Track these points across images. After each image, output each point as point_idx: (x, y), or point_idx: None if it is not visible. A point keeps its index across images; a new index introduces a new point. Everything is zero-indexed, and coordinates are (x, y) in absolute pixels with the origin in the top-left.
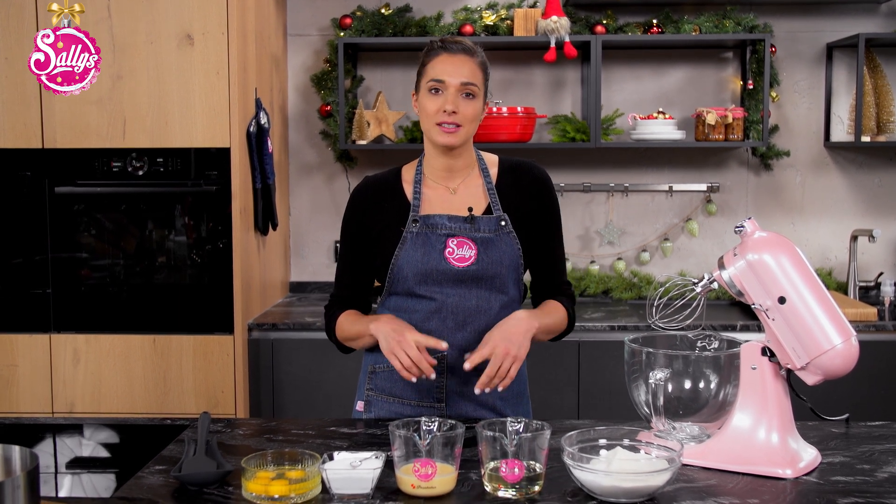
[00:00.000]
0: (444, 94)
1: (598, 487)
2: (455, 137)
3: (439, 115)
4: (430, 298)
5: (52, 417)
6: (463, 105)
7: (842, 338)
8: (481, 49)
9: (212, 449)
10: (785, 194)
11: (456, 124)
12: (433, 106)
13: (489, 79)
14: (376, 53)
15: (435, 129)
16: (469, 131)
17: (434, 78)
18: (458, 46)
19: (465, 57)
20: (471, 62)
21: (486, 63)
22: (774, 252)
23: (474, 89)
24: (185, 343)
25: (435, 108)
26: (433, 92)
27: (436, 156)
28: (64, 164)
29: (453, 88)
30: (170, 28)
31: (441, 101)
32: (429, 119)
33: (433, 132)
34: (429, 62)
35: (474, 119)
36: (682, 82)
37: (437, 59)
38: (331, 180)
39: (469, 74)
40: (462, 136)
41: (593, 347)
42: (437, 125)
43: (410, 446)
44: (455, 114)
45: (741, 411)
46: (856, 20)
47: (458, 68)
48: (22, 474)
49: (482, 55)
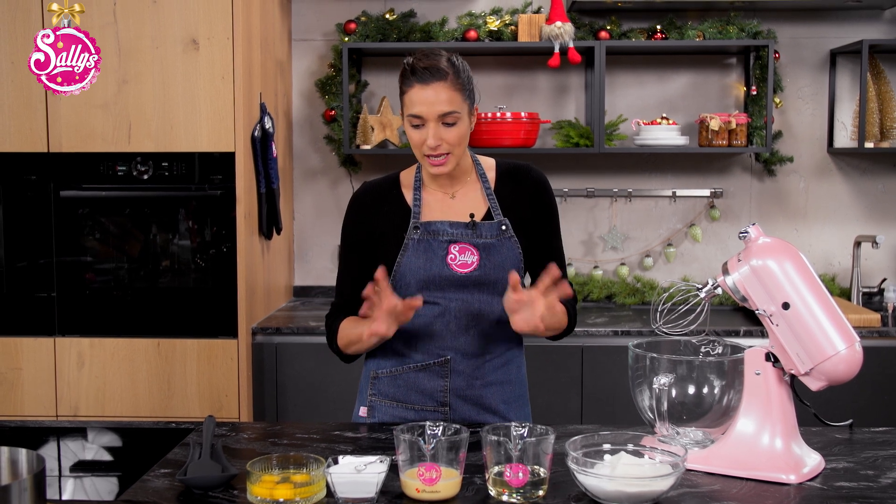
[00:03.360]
0: (425, 128)
1: (601, 492)
2: (445, 167)
3: (424, 148)
4: (433, 303)
5: (57, 421)
6: (445, 133)
7: (845, 343)
8: (456, 59)
9: (217, 453)
10: (788, 200)
11: (444, 153)
12: (417, 138)
13: (471, 85)
14: (381, 59)
15: (424, 160)
16: (458, 154)
17: (411, 113)
18: (429, 75)
19: (439, 84)
20: (445, 88)
21: (465, 78)
22: (778, 258)
23: (455, 116)
24: (190, 347)
25: (419, 141)
26: (414, 127)
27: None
28: (69, 168)
29: (433, 122)
30: (175, 33)
31: (423, 133)
32: (416, 150)
33: (423, 163)
34: (405, 92)
35: (461, 142)
36: (685, 88)
37: (412, 90)
38: (335, 185)
39: (446, 102)
40: (452, 162)
41: (597, 352)
42: (425, 157)
43: (415, 450)
44: (439, 146)
45: (745, 417)
46: (859, 26)
47: (433, 100)
48: (28, 477)
49: (458, 72)
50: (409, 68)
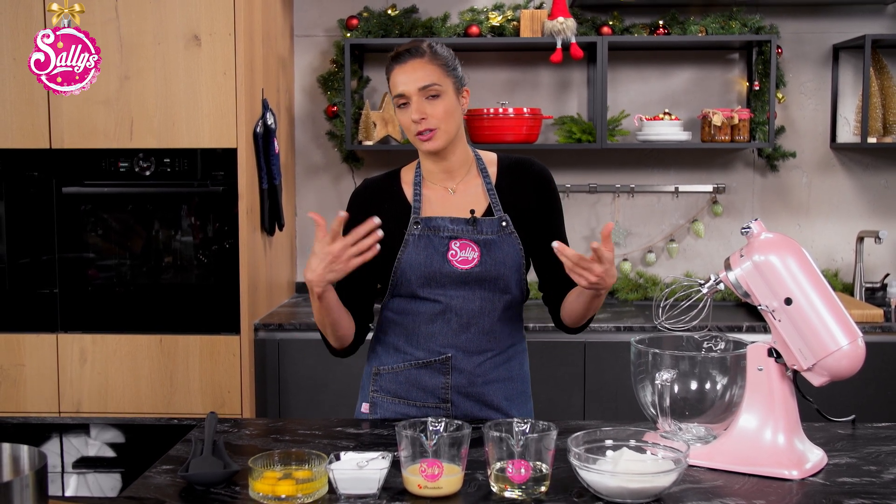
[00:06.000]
0: (410, 106)
1: (604, 488)
2: (435, 142)
3: (413, 126)
4: (434, 301)
5: (59, 417)
6: (429, 107)
7: (848, 339)
8: (437, 46)
9: (219, 449)
10: (791, 195)
11: (430, 129)
12: (405, 119)
13: (455, 64)
14: (383, 54)
15: (416, 139)
16: (448, 130)
17: (395, 94)
18: (407, 54)
19: (416, 61)
20: (422, 63)
21: (442, 55)
22: (781, 253)
23: (436, 89)
24: (192, 343)
25: (407, 121)
26: (401, 107)
27: (429, 160)
28: (71, 164)
29: (415, 97)
30: (177, 29)
31: (409, 112)
32: (408, 132)
33: (416, 143)
34: (389, 79)
35: (448, 116)
36: (688, 83)
37: (393, 73)
38: (337, 181)
39: (424, 77)
40: (442, 137)
41: (599, 348)
42: (416, 136)
43: (417, 447)
44: (424, 119)
45: (747, 412)
46: (862, 21)
47: (410, 75)
48: (30, 473)
49: (437, 52)
50: (391, 56)
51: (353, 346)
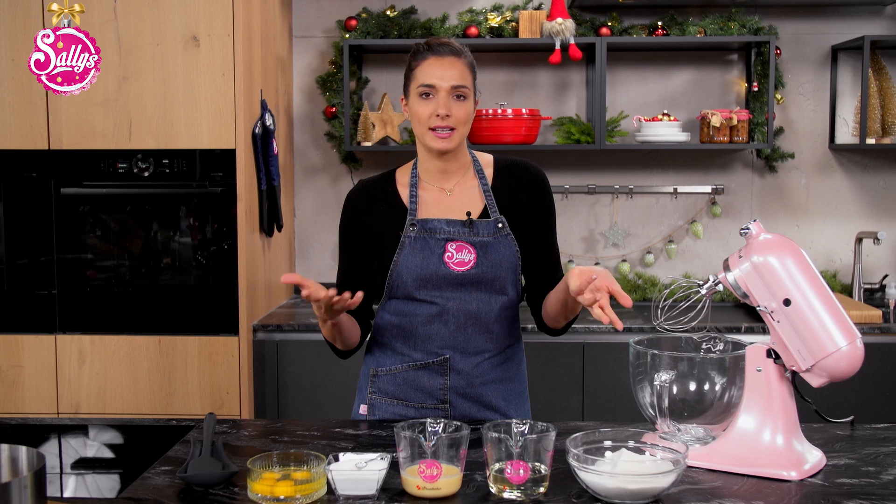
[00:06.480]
0: (435, 99)
1: (602, 489)
2: (449, 142)
3: (432, 120)
4: (430, 303)
5: (58, 418)
6: (455, 107)
7: (847, 340)
8: (468, 49)
9: (217, 450)
10: (790, 196)
11: (450, 128)
12: (425, 111)
13: (477, 79)
14: (381, 55)
15: (428, 134)
16: (463, 133)
17: (424, 83)
18: (447, 49)
19: (454, 59)
20: (460, 63)
21: (473, 63)
22: (779, 254)
23: (465, 91)
24: (191, 344)
25: (427, 113)
26: (424, 97)
27: (430, 159)
28: (70, 165)
29: (444, 92)
30: (176, 30)
31: (433, 105)
32: (421, 124)
33: (426, 137)
34: (417, 66)
35: (467, 121)
36: (686, 84)
37: (426, 62)
38: (336, 182)
39: (459, 76)
40: (456, 139)
41: (598, 349)
42: (430, 130)
43: (416, 447)
44: (448, 117)
45: (746, 413)
46: (861, 22)
47: (447, 71)
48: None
49: (470, 56)
50: (424, 46)
51: (358, 346)
